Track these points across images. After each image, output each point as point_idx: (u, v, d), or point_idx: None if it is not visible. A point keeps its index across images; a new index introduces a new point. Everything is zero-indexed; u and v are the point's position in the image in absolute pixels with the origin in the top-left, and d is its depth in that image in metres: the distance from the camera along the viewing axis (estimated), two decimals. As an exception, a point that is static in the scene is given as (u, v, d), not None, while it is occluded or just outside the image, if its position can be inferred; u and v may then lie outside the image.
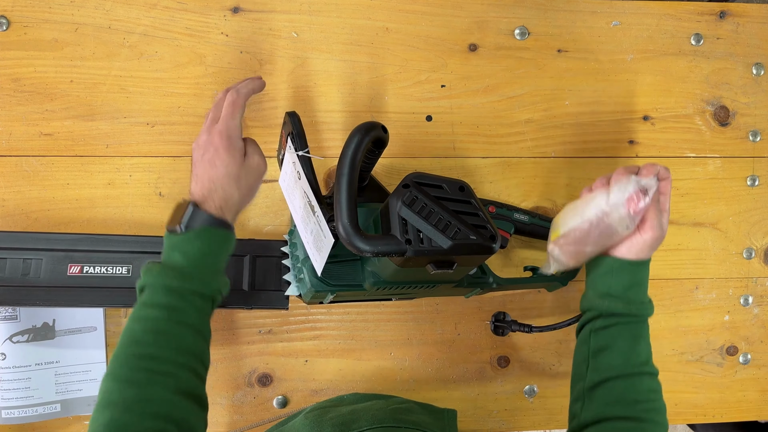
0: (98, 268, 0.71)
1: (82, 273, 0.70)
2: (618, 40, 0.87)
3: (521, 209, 0.81)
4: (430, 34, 0.83)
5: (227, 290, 0.63)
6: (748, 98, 0.89)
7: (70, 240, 0.71)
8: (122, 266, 0.71)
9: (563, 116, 0.86)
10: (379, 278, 0.67)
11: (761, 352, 0.90)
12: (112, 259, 0.71)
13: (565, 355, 0.86)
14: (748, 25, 0.89)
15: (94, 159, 0.78)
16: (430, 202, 0.62)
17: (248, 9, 0.80)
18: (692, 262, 0.88)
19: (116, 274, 0.71)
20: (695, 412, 0.89)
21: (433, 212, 0.61)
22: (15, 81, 0.77)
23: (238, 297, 0.74)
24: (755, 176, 0.89)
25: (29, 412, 0.75)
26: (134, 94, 0.79)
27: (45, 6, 0.77)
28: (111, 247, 0.72)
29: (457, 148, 0.84)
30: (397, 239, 0.60)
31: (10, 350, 0.75)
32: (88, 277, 0.71)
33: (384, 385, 0.83)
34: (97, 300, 0.71)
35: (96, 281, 0.71)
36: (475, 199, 0.64)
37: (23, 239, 0.70)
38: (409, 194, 0.61)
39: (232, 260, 0.73)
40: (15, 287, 0.69)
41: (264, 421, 0.80)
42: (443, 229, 0.61)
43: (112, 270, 0.71)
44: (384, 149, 0.67)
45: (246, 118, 0.80)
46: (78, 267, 0.70)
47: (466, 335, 0.85)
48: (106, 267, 0.71)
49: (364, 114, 0.82)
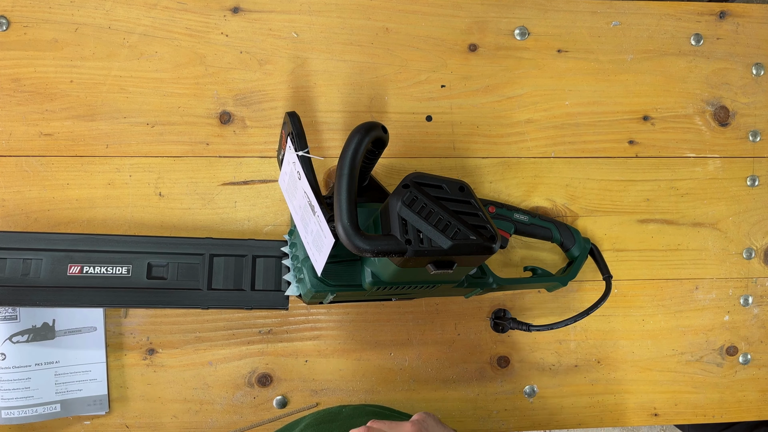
0: (98, 268, 0.71)
1: (82, 273, 0.70)
2: (618, 40, 0.87)
3: (521, 209, 0.81)
4: (430, 34, 0.83)
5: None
6: (748, 98, 0.89)
7: (70, 240, 0.71)
8: (122, 266, 0.71)
9: (563, 116, 0.86)
10: (379, 278, 0.67)
11: (761, 353, 0.90)
12: (112, 259, 0.71)
13: (565, 355, 0.86)
14: (748, 25, 0.89)
15: (94, 159, 0.78)
16: (430, 203, 0.62)
17: (248, 9, 0.80)
18: (692, 263, 0.88)
19: (116, 274, 0.71)
20: (695, 412, 0.89)
21: (433, 212, 0.61)
22: (15, 81, 0.77)
23: (238, 297, 0.74)
24: (755, 176, 0.89)
25: (29, 412, 0.75)
26: (134, 94, 0.79)
27: (45, 6, 0.77)
28: (111, 247, 0.72)
29: (457, 148, 0.84)
30: (397, 239, 0.60)
31: (10, 350, 0.75)
32: (88, 277, 0.70)
33: (384, 386, 0.83)
34: (97, 300, 0.70)
35: (96, 281, 0.71)
36: (475, 199, 0.64)
37: (23, 239, 0.70)
38: (409, 194, 0.61)
39: (231, 260, 0.74)
40: (15, 287, 0.69)
41: (264, 422, 0.80)
42: (443, 229, 0.61)
43: (112, 270, 0.71)
44: (384, 149, 0.67)
45: (245, 117, 0.80)
46: (78, 267, 0.70)
47: (466, 335, 0.85)
48: (106, 267, 0.71)
49: (364, 114, 0.82)
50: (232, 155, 0.80)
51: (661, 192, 0.88)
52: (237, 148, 0.80)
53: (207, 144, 0.80)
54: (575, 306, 0.86)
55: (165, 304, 0.72)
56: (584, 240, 0.83)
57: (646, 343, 0.88)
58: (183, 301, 0.72)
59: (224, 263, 0.74)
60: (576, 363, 0.86)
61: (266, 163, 0.81)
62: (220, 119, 0.80)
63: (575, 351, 0.85)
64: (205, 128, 0.80)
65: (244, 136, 0.80)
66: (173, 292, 0.72)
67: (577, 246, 0.82)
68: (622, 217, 0.87)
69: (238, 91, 0.80)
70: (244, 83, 0.80)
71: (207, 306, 0.73)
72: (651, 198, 0.87)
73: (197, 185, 0.80)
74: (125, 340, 0.79)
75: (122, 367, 0.79)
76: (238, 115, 0.80)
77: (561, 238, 0.82)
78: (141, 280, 0.71)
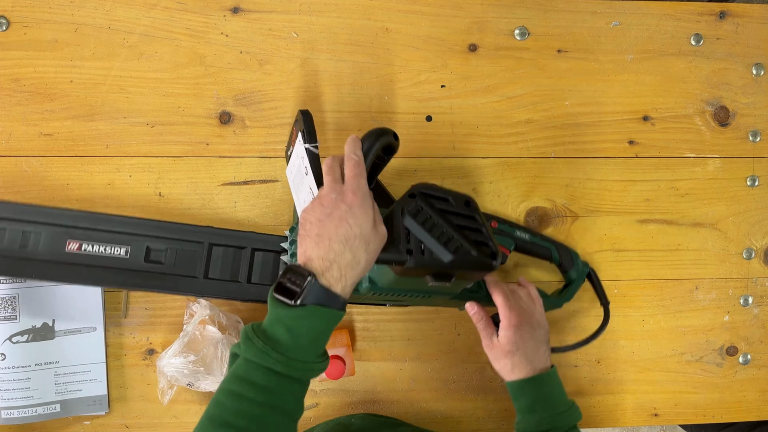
0: (97, 246, 0.70)
1: (81, 251, 0.69)
2: (618, 40, 0.87)
3: (523, 227, 0.80)
4: (430, 34, 0.83)
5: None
6: (748, 98, 0.89)
7: (70, 216, 0.70)
8: (121, 247, 0.71)
9: (563, 116, 0.86)
10: (375, 284, 0.67)
11: (761, 353, 0.90)
12: (111, 239, 0.70)
13: (565, 355, 0.85)
14: (748, 25, 0.89)
15: (94, 159, 0.78)
16: (435, 215, 0.62)
17: (248, 9, 0.80)
18: (692, 263, 0.88)
19: (114, 254, 0.70)
20: (695, 412, 0.89)
21: (436, 225, 0.62)
22: (15, 81, 0.77)
23: (234, 289, 0.74)
24: (755, 176, 0.89)
25: (29, 412, 0.75)
26: (134, 94, 0.79)
27: (45, 6, 0.77)
28: (111, 227, 0.71)
29: (457, 148, 0.84)
30: (399, 249, 0.60)
31: (10, 350, 0.75)
32: (86, 255, 0.69)
33: (384, 386, 0.83)
34: (93, 279, 0.69)
35: (93, 260, 0.70)
36: (479, 215, 0.64)
37: (24, 211, 0.69)
38: (415, 204, 0.62)
39: (230, 251, 0.73)
40: (12, 258, 0.68)
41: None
42: (445, 243, 0.61)
43: (110, 250, 0.70)
44: (393, 155, 0.67)
45: (245, 117, 0.80)
46: (77, 244, 0.69)
47: (465, 335, 0.85)
48: (105, 246, 0.70)
49: (364, 114, 0.82)
50: (232, 155, 0.80)
51: (661, 192, 0.88)
52: (237, 148, 0.80)
53: (207, 144, 0.80)
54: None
55: (161, 288, 0.72)
56: (583, 263, 0.82)
57: (646, 343, 0.88)
58: (179, 287, 0.72)
59: (223, 253, 0.73)
60: (576, 363, 0.86)
61: (266, 163, 0.81)
62: (220, 119, 0.80)
63: (575, 351, 0.85)
64: (205, 128, 0.80)
65: (243, 136, 0.80)
66: (170, 278, 0.72)
67: (575, 269, 0.82)
68: (622, 217, 0.87)
69: (238, 91, 0.80)
70: (244, 83, 0.80)
71: (203, 294, 0.72)
72: (651, 198, 0.87)
73: (197, 185, 0.80)
74: (125, 340, 0.79)
75: (122, 367, 0.79)
76: (238, 115, 0.80)
77: (560, 259, 0.81)
78: (139, 262, 0.71)
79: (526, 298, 0.74)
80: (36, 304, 0.76)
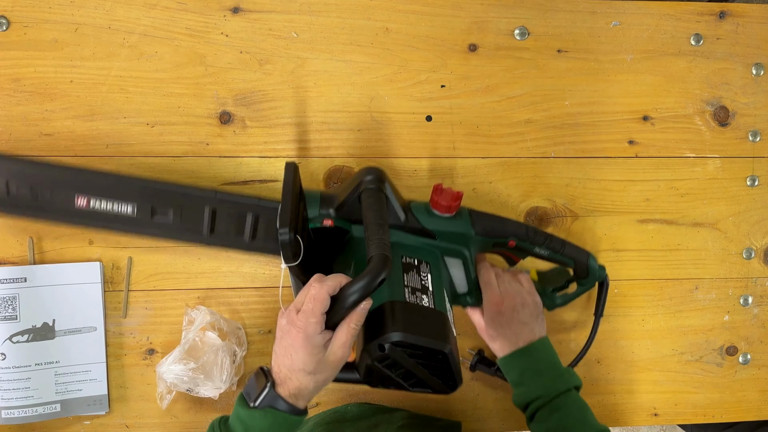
0: (105, 203, 0.71)
1: (89, 207, 0.71)
2: (618, 40, 0.87)
3: (544, 239, 0.75)
4: (430, 34, 0.83)
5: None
6: (748, 98, 0.89)
7: (78, 172, 0.71)
8: (128, 205, 0.71)
9: (563, 116, 0.86)
10: None
11: (761, 352, 0.90)
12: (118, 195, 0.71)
13: (565, 355, 0.85)
14: (748, 25, 0.89)
15: (94, 159, 0.78)
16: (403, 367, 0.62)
17: (248, 9, 0.80)
18: (692, 263, 0.88)
19: (122, 212, 0.71)
20: (695, 412, 0.89)
21: (404, 373, 0.63)
22: (15, 81, 0.77)
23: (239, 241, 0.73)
24: (755, 176, 0.89)
25: (29, 412, 0.75)
26: (134, 94, 0.79)
27: (45, 6, 0.77)
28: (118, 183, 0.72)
29: (457, 148, 0.84)
30: (357, 374, 0.64)
31: (10, 350, 0.75)
32: (94, 211, 0.71)
33: (384, 385, 0.83)
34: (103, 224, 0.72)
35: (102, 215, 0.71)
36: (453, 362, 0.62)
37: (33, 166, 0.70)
38: (382, 355, 0.61)
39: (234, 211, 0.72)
40: (26, 206, 0.70)
41: (264, 421, 0.80)
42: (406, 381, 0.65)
43: (118, 208, 0.71)
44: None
45: (245, 117, 0.80)
46: (85, 200, 0.71)
47: (465, 335, 0.85)
48: (113, 203, 0.71)
49: (364, 114, 0.82)
50: (232, 155, 0.80)
51: (660, 192, 0.88)
52: (237, 148, 0.80)
53: (207, 144, 0.80)
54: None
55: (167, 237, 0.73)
56: (599, 271, 0.78)
57: (646, 343, 0.88)
58: (185, 238, 0.73)
59: (227, 212, 0.73)
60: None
61: (266, 163, 0.81)
62: (220, 119, 0.80)
63: (575, 351, 0.85)
64: (205, 128, 0.80)
65: (244, 136, 0.80)
66: (176, 231, 0.73)
67: (590, 279, 0.78)
68: (622, 217, 0.87)
69: (238, 91, 0.80)
70: (244, 83, 0.80)
71: (209, 244, 0.73)
72: (651, 198, 0.87)
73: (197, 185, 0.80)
74: (125, 340, 0.79)
75: (122, 367, 0.79)
76: (238, 115, 0.80)
77: (577, 272, 0.77)
78: (146, 219, 0.71)
79: (510, 279, 0.76)
80: (36, 303, 0.76)
